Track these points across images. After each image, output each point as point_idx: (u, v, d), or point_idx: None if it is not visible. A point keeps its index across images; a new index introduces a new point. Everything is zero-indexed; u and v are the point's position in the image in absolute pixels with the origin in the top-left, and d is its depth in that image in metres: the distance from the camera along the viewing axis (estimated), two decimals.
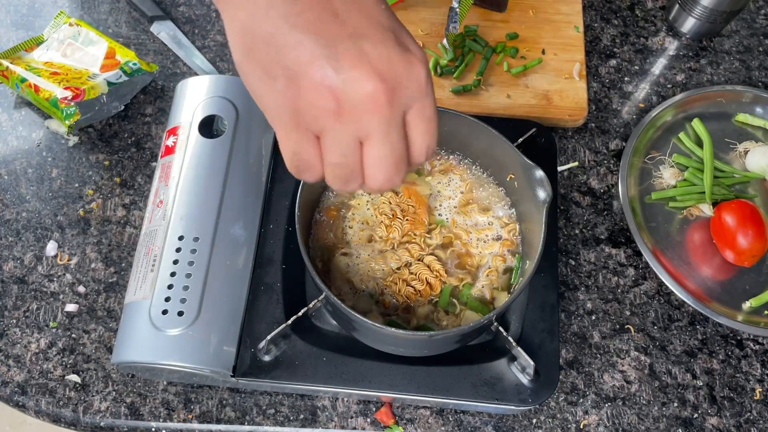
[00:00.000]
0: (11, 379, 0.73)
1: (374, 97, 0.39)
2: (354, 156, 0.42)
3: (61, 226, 0.81)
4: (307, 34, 0.38)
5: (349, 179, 0.43)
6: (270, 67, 0.39)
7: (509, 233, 0.70)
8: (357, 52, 0.38)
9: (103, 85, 0.83)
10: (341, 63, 0.38)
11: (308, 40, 0.38)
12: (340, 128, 0.40)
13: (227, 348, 0.66)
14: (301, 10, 0.38)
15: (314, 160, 0.43)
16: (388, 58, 0.39)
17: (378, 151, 0.42)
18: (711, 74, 0.92)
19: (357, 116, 0.40)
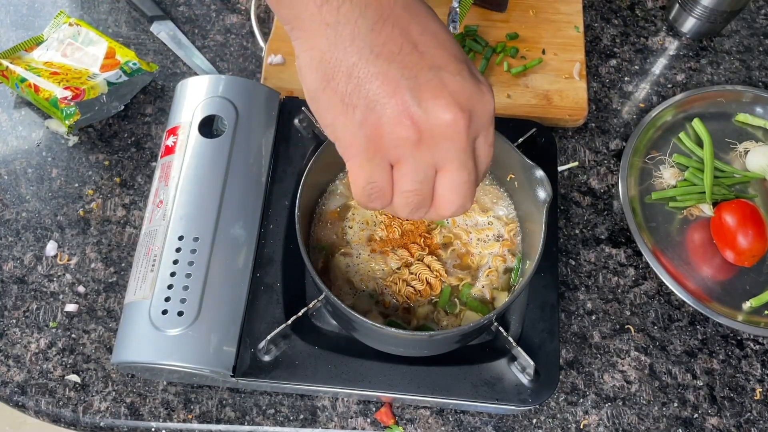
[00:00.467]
0: (11, 379, 0.73)
1: (454, 126, 0.40)
2: (428, 184, 0.43)
3: (61, 226, 0.81)
4: (391, 65, 0.39)
5: (420, 207, 0.45)
6: (350, 96, 0.40)
7: (509, 233, 0.70)
8: (437, 83, 0.40)
9: (103, 85, 0.83)
10: (423, 93, 0.39)
11: (393, 70, 0.39)
12: (419, 156, 0.41)
13: (227, 348, 0.66)
14: (385, 42, 0.39)
15: (387, 188, 0.44)
16: (466, 89, 0.41)
17: (457, 177, 0.43)
18: (711, 74, 0.92)
19: (436, 145, 0.41)
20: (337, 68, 0.40)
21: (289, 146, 0.77)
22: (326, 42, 0.40)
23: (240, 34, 0.93)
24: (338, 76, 0.40)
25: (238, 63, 0.91)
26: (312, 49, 0.41)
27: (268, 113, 0.77)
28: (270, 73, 0.87)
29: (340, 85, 0.40)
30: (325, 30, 0.40)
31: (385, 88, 0.39)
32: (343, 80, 0.40)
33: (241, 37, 0.93)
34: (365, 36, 0.39)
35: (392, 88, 0.39)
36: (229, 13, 0.95)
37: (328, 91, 0.41)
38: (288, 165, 0.76)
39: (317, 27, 0.40)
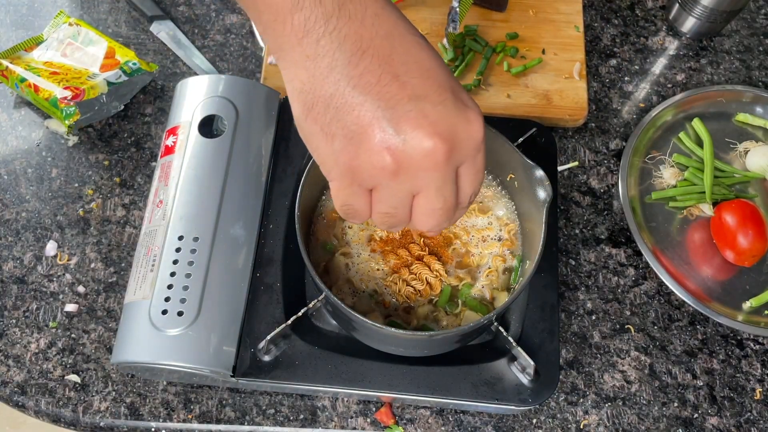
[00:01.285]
0: (11, 379, 0.73)
1: (433, 157, 0.40)
2: (404, 207, 0.44)
3: (61, 226, 0.81)
4: (367, 96, 0.39)
5: (396, 225, 0.46)
6: (329, 126, 0.41)
7: (509, 233, 0.70)
8: (417, 114, 0.40)
9: (102, 85, 0.83)
10: (402, 125, 0.40)
11: (369, 102, 0.39)
12: (395, 186, 0.42)
13: (227, 348, 0.66)
14: (362, 73, 0.39)
15: (364, 210, 0.45)
16: (447, 118, 0.40)
17: (431, 203, 0.43)
18: (711, 74, 0.92)
19: (414, 175, 0.41)
20: (317, 99, 0.41)
21: (289, 146, 0.77)
22: (306, 73, 0.41)
23: (240, 34, 0.93)
24: (317, 106, 0.41)
25: (238, 63, 0.91)
26: (294, 80, 0.42)
27: (268, 113, 0.77)
28: (270, 72, 0.87)
29: (319, 115, 0.41)
30: (305, 62, 0.41)
31: (361, 120, 0.40)
32: (323, 110, 0.41)
33: (241, 37, 0.93)
34: (342, 68, 0.39)
35: (368, 119, 0.40)
36: (229, 13, 0.95)
37: (309, 120, 0.42)
38: (288, 165, 0.76)
39: (298, 58, 0.41)
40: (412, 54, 0.41)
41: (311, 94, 0.41)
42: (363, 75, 0.39)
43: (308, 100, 0.41)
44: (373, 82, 0.39)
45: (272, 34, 0.42)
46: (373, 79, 0.39)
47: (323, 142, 0.42)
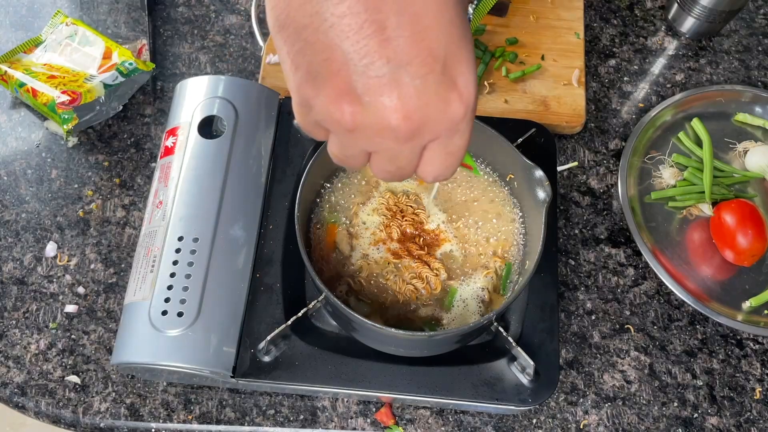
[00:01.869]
0: (11, 380, 0.73)
1: (392, 133, 0.36)
2: (357, 159, 0.41)
3: (61, 227, 0.81)
4: (343, 43, 0.34)
5: (348, 167, 0.43)
6: (296, 56, 0.36)
7: (509, 234, 0.70)
8: (389, 82, 0.35)
9: (99, 88, 0.83)
10: (369, 88, 0.35)
11: (342, 50, 0.35)
12: (348, 140, 0.38)
13: (227, 348, 0.66)
14: (344, 14, 0.34)
15: (322, 137, 0.41)
16: (422, 97, 0.35)
17: (383, 164, 0.40)
18: (710, 74, 0.92)
19: (369, 138, 0.37)
20: (289, 22, 0.36)
21: (289, 146, 0.77)
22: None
23: (239, 34, 0.93)
24: (288, 29, 0.36)
25: (237, 63, 0.91)
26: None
27: (268, 114, 0.77)
28: (269, 72, 0.87)
29: (289, 39, 0.36)
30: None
31: (329, 65, 0.35)
32: (292, 36, 0.36)
33: (241, 37, 0.93)
34: (323, 0, 0.34)
35: (337, 68, 0.35)
36: (229, 14, 0.95)
37: (279, 39, 0.37)
38: (287, 165, 0.76)
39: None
40: (412, 5, 0.34)
41: (284, 14, 0.36)
42: (344, 17, 0.34)
43: (281, 19, 0.36)
44: (354, 28, 0.34)
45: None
46: (354, 24, 0.34)
47: (288, 65, 0.37)
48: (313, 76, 0.36)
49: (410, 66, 0.35)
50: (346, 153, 0.40)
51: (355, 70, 0.35)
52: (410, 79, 0.35)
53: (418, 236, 0.70)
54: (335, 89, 0.36)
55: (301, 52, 0.36)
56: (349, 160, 0.41)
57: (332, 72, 0.35)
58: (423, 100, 0.36)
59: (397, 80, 0.35)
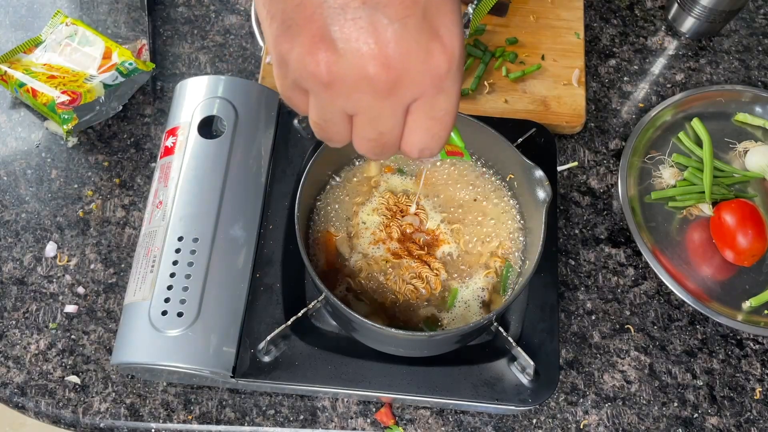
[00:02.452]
0: (11, 380, 0.73)
1: (371, 83, 0.34)
2: (337, 125, 0.38)
3: (61, 227, 0.81)
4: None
5: (331, 139, 0.40)
6: (271, 3, 0.35)
7: (509, 234, 0.70)
8: (366, 25, 0.33)
9: (99, 88, 0.83)
10: (345, 32, 0.33)
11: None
12: (327, 97, 0.36)
13: (227, 349, 0.66)
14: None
15: (304, 108, 0.39)
16: (402, 42, 0.33)
17: (363, 131, 0.38)
18: (710, 74, 0.92)
19: (347, 94, 0.35)
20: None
21: (289, 146, 0.77)
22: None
23: (239, 34, 0.93)
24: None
25: (237, 64, 0.91)
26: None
27: (268, 113, 0.77)
28: (268, 72, 0.87)
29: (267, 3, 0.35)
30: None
31: (303, 10, 0.33)
32: None
33: (240, 37, 0.93)
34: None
35: (310, 12, 0.33)
36: (229, 14, 0.95)
37: None
38: (287, 165, 0.76)
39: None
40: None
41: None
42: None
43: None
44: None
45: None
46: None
47: (265, 19, 0.35)
48: (288, 24, 0.34)
49: (388, 8, 0.33)
50: (326, 116, 0.37)
51: (329, 13, 0.33)
52: (388, 22, 0.33)
53: (419, 237, 0.69)
54: (310, 37, 0.34)
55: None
56: (329, 127, 0.38)
57: (306, 17, 0.33)
58: (402, 47, 0.33)
59: (375, 24, 0.33)
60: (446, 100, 0.36)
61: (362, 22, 0.33)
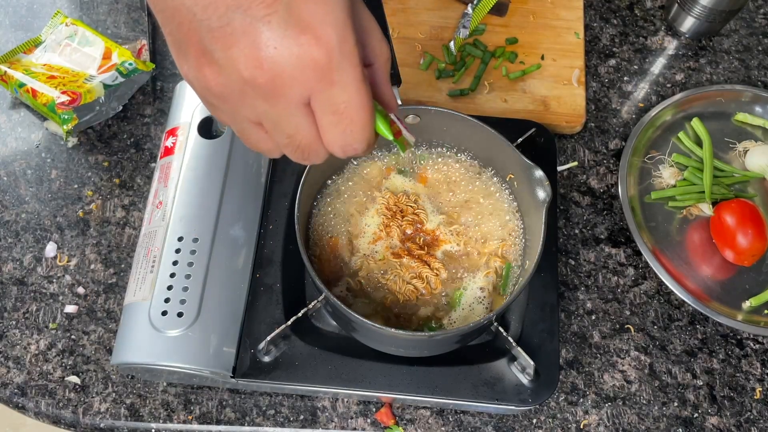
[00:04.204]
0: (11, 380, 0.73)
1: (254, 87, 0.34)
2: (252, 134, 0.38)
3: (61, 228, 0.81)
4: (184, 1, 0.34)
5: (261, 150, 0.40)
6: (164, 27, 0.36)
7: (508, 234, 0.70)
8: (233, 29, 0.33)
9: (99, 88, 0.83)
10: (218, 41, 0.33)
11: (186, 7, 0.34)
12: (228, 110, 0.37)
13: (227, 349, 0.66)
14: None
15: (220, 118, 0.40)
16: (269, 40, 0.33)
17: (274, 137, 0.38)
18: (710, 73, 0.92)
19: (240, 102, 0.36)
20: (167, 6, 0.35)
21: None
22: None
23: None
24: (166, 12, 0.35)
25: None
26: None
27: None
28: None
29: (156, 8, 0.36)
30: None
31: (182, 28, 0.34)
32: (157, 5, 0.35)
33: None
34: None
35: (187, 28, 0.34)
36: None
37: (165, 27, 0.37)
38: (287, 165, 0.76)
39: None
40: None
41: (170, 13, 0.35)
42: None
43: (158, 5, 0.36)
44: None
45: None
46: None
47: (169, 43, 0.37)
48: (178, 45, 0.35)
49: (251, 9, 0.32)
50: (237, 127, 0.38)
51: (200, 26, 0.33)
52: (251, 23, 0.33)
53: (419, 237, 0.69)
54: (194, 54, 0.35)
55: (164, 21, 0.35)
56: (247, 137, 0.39)
57: (186, 35, 0.34)
58: (270, 45, 0.33)
59: (242, 27, 0.33)
60: (342, 91, 0.35)
61: (229, 28, 0.33)
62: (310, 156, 0.39)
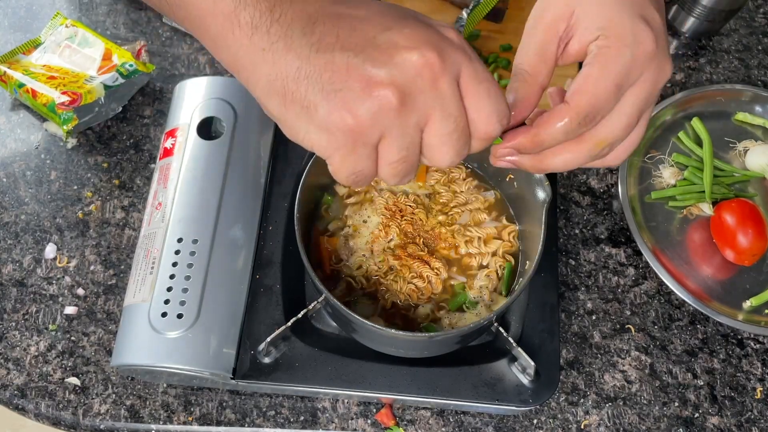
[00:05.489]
0: (11, 382, 0.73)
1: (429, 67, 0.38)
2: (415, 146, 0.41)
3: (60, 229, 0.81)
4: (334, 53, 0.38)
5: (410, 172, 0.42)
6: (307, 98, 0.39)
7: (508, 234, 0.70)
8: (388, 42, 0.38)
9: (99, 88, 0.83)
10: (380, 57, 0.38)
11: (337, 56, 0.38)
12: (403, 120, 0.39)
13: (227, 350, 0.66)
14: (320, 38, 0.39)
15: (372, 171, 0.42)
16: (420, 33, 0.39)
17: (441, 127, 0.40)
18: (710, 73, 0.92)
19: (415, 99, 0.39)
20: (287, 81, 0.39)
21: (288, 147, 0.77)
22: (267, 66, 0.40)
23: None
24: (290, 86, 0.39)
25: None
26: (259, 80, 0.40)
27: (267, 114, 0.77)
28: None
29: (296, 94, 0.39)
30: (262, 55, 0.40)
31: (337, 75, 0.38)
32: (294, 87, 0.39)
33: None
34: (299, 41, 0.39)
35: (344, 70, 0.38)
36: None
37: (289, 106, 0.40)
38: (287, 166, 0.76)
39: (255, 57, 0.40)
40: (364, 7, 0.40)
41: (279, 80, 0.39)
42: (321, 39, 0.39)
43: (279, 87, 0.40)
44: (333, 41, 0.38)
45: (224, 44, 0.41)
46: (332, 39, 0.39)
47: (308, 120, 0.40)
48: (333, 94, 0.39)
49: (394, 28, 0.39)
50: (406, 143, 0.41)
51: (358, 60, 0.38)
52: (399, 31, 0.39)
53: (419, 237, 0.69)
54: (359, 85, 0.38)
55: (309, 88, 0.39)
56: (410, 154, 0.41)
57: (344, 75, 0.38)
58: (423, 35, 0.39)
59: (392, 39, 0.39)
60: (481, 65, 0.41)
61: (385, 44, 0.39)
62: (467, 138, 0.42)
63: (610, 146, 0.47)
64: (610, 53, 0.44)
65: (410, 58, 0.38)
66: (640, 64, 0.44)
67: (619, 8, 0.45)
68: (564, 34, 0.48)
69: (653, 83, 0.45)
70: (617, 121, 0.45)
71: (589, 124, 0.45)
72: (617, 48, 0.44)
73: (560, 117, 0.45)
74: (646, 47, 0.44)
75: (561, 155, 0.47)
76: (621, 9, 0.45)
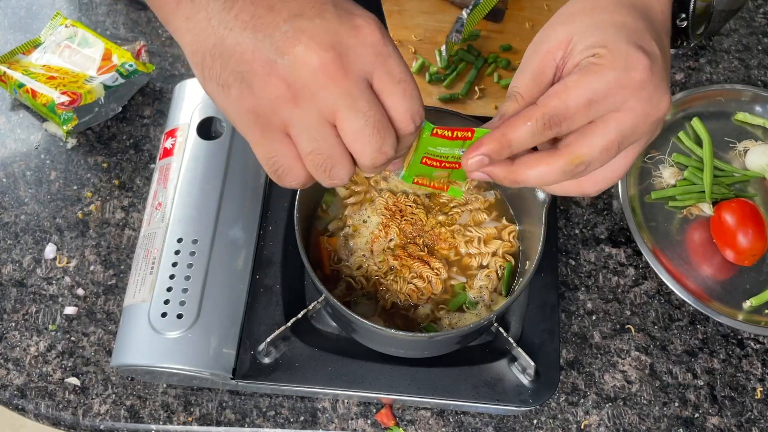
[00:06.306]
0: (10, 382, 0.73)
1: (323, 69, 0.38)
2: (326, 138, 0.41)
3: (60, 229, 0.80)
4: (245, 33, 0.39)
5: (333, 165, 0.42)
6: (221, 77, 0.40)
7: (508, 234, 0.70)
8: (294, 32, 0.38)
9: (99, 89, 0.83)
10: (281, 47, 0.38)
11: (247, 38, 0.39)
12: (301, 112, 0.39)
13: (227, 350, 0.66)
14: (237, 14, 0.39)
15: (291, 159, 0.42)
16: (329, 28, 0.39)
17: (351, 124, 0.40)
18: (710, 73, 0.92)
19: (312, 94, 0.39)
20: (204, 54, 0.40)
21: None
22: (190, 34, 0.41)
23: None
24: (206, 61, 0.40)
25: None
26: (185, 45, 0.41)
27: None
28: None
29: (212, 70, 0.40)
30: (186, 23, 0.41)
31: (244, 58, 0.39)
32: (210, 63, 0.40)
33: None
34: (218, 15, 0.39)
35: (250, 55, 0.39)
36: None
37: (207, 81, 0.41)
38: None
39: (181, 23, 0.41)
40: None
41: (199, 53, 0.40)
42: (238, 16, 0.39)
43: (198, 59, 0.41)
44: (248, 19, 0.39)
45: (160, 10, 0.43)
46: (247, 16, 0.39)
47: (223, 97, 0.41)
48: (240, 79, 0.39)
49: (305, 14, 0.39)
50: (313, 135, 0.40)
51: (263, 45, 0.38)
52: (309, 21, 0.38)
53: (418, 237, 0.69)
54: (259, 72, 0.39)
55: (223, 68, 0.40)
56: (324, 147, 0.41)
57: (249, 61, 0.39)
58: (331, 30, 0.38)
59: (299, 27, 0.38)
60: (396, 63, 0.40)
61: (290, 32, 0.38)
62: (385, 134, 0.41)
63: (587, 166, 0.46)
64: (594, 69, 0.45)
65: (307, 55, 0.38)
66: (625, 89, 0.44)
67: (617, 36, 0.46)
68: (561, 61, 0.48)
69: (642, 115, 0.45)
70: (596, 142, 0.45)
71: (554, 127, 0.45)
72: (603, 67, 0.44)
73: (527, 117, 0.45)
74: (637, 75, 0.44)
75: (536, 168, 0.47)
76: (618, 36, 0.46)
